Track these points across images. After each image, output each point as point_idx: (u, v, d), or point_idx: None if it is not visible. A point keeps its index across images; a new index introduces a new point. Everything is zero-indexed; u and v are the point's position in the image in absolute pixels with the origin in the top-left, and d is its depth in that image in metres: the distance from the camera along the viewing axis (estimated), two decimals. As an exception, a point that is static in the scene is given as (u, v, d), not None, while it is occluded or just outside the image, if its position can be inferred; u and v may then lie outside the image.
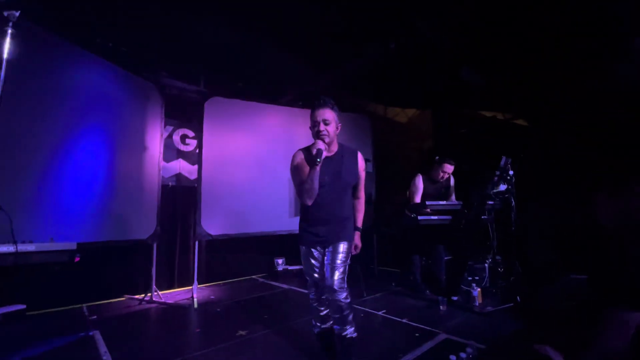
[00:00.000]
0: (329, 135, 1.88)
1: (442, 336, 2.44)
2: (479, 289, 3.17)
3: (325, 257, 2.00)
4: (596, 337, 1.10)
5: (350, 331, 1.97)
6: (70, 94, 2.92)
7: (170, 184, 4.15)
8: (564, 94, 3.95)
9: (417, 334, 2.50)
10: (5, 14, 0.96)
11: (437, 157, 3.53)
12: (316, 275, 2.06)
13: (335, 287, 1.89)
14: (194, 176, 4.26)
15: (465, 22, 3.36)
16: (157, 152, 3.73)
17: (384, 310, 3.09)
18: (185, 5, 3.16)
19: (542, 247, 3.58)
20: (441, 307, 3.10)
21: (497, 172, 3.04)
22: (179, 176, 4.27)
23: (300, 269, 5.10)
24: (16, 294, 2.91)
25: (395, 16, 3.30)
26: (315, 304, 2.16)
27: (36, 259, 1.30)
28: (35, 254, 1.30)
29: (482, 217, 3.17)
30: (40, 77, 2.63)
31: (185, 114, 4.31)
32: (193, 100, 4.22)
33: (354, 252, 2.10)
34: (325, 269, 1.98)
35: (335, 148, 2.00)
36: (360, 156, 2.09)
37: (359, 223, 2.16)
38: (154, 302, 3.50)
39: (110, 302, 3.51)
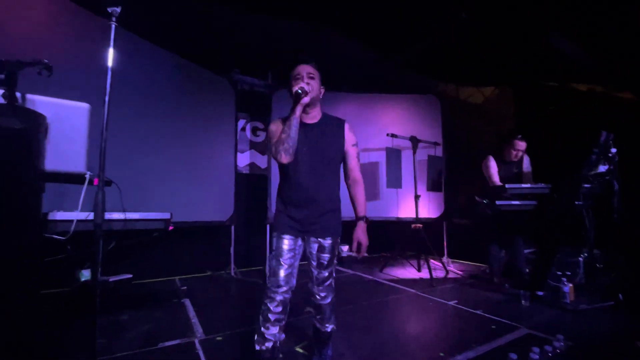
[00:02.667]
0: (312, 91, 1.55)
1: (524, 331, 2.21)
2: (570, 285, 2.79)
3: (311, 254, 1.67)
4: None
5: (330, 328, 1.76)
6: (159, 92, 3.36)
7: (244, 172, 4.50)
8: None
9: (493, 326, 2.32)
10: (109, 10, 1.15)
11: (518, 135, 3.17)
12: (282, 272, 1.58)
13: (321, 296, 1.68)
14: (264, 165, 4.54)
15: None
16: (232, 143, 4.09)
17: (455, 301, 2.93)
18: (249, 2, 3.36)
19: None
20: (523, 301, 2.81)
21: (596, 150, 2.59)
22: (251, 165, 4.60)
23: (365, 256, 5.10)
24: (124, 266, 3.48)
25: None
26: (275, 307, 1.59)
27: (139, 225, 1.57)
28: (139, 221, 1.56)
29: (576, 202, 2.75)
30: (137, 78, 3.09)
31: (256, 107, 4.59)
32: (262, 94, 4.48)
33: (356, 254, 1.63)
34: (309, 268, 1.68)
35: (317, 115, 1.66)
36: (348, 127, 1.69)
37: (361, 211, 1.68)
38: (233, 277, 3.87)
39: (197, 276, 3.98)
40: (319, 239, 1.64)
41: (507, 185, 2.85)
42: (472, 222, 4.93)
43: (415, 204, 4.02)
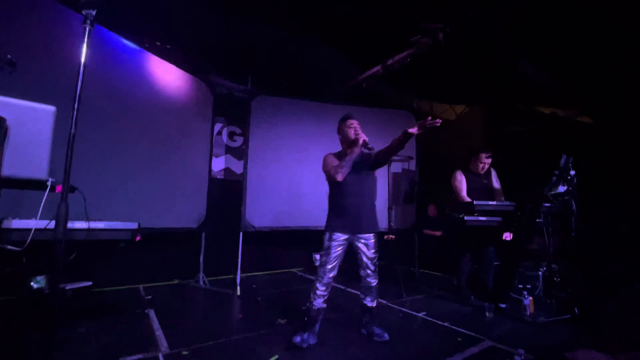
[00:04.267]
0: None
1: (487, 343, 2.30)
2: (530, 298, 2.94)
3: (360, 246, 2.33)
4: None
5: (374, 303, 2.45)
6: (132, 92, 3.23)
7: (218, 177, 4.39)
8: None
9: (459, 339, 2.39)
10: (84, 12, 1.10)
11: (485, 150, 3.39)
12: (338, 261, 2.31)
13: (371, 277, 2.37)
14: (240, 171, 4.47)
15: (521, 9, 3.10)
16: (207, 147, 3.99)
17: (424, 313, 2.99)
18: (233, 7, 3.33)
19: (609, 256, 3.21)
20: (487, 313, 2.92)
21: (556, 172, 2.77)
22: (226, 170, 4.51)
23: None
24: (83, 272, 3.27)
25: (445, 5, 3.16)
26: (322, 288, 2.31)
27: (104, 235, 1.48)
28: (103, 231, 1.47)
29: (537, 220, 2.92)
30: (104, 76, 2.94)
31: (233, 112, 4.52)
32: (240, 99, 4.43)
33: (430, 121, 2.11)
34: (360, 259, 2.36)
35: None
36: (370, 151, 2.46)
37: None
38: (201, 287, 3.74)
39: (163, 285, 3.81)
40: (368, 235, 2.34)
41: (475, 202, 2.98)
42: (443, 234, 5.09)
43: (388, 215, 4.09)
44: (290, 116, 4.46)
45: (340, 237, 2.29)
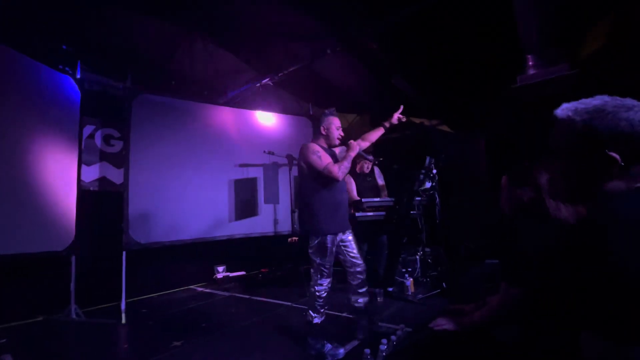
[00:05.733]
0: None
1: (379, 325, 2.58)
2: (411, 279, 3.42)
3: (348, 244, 2.35)
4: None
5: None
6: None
7: (91, 188, 3.74)
8: (481, 103, 4.49)
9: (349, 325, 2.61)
10: None
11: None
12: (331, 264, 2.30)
13: (363, 273, 2.48)
14: (120, 180, 3.89)
15: (399, 35, 3.59)
16: (74, 153, 3.35)
17: (326, 307, 3.15)
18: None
19: (463, 237, 4.01)
20: (378, 298, 3.28)
21: (422, 171, 3.33)
22: (102, 180, 3.87)
23: (242, 275, 4.97)
24: None
25: (332, 20, 3.42)
26: (325, 294, 2.31)
27: None
28: None
29: (412, 212, 3.44)
30: None
31: (110, 112, 3.93)
32: (118, 97, 3.87)
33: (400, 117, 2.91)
34: (354, 254, 2.38)
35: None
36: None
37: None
38: (74, 320, 3.11)
39: (22, 324, 3.03)
40: (348, 231, 2.39)
41: (363, 200, 3.33)
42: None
43: (291, 218, 4.19)
44: (180, 118, 4.13)
45: (332, 238, 2.22)
